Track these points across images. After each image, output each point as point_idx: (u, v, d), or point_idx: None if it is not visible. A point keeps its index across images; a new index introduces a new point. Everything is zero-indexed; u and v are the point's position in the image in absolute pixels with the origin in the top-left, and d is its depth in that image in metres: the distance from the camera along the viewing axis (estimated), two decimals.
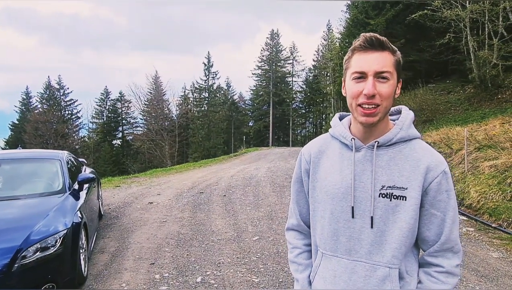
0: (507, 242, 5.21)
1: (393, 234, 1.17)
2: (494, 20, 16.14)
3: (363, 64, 1.15)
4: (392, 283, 1.18)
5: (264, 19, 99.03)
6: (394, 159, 1.20)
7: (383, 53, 1.15)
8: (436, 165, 1.18)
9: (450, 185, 1.20)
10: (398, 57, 1.19)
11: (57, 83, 47.43)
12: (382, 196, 1.18)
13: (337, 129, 1.30)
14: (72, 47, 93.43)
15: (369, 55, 1.15)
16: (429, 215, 1.20)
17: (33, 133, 39.39)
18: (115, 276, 4.10)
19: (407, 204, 1.17)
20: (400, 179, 1.18)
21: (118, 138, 49.99)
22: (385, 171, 1.19)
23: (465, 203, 7.22)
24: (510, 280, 3.98)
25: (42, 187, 4.44)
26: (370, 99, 1.13)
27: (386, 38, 1.21)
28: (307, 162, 1.34)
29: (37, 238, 3.30)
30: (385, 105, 1.15)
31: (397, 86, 1.19)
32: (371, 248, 1.19)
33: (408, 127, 1.24)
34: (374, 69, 1.13)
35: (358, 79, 1.16)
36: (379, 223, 1.18)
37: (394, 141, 1.21)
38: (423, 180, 1.17)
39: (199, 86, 48.30)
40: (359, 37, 1.18)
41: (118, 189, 9.81)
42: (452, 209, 1.20)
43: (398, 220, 1.17)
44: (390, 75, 1.14)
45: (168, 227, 5.95)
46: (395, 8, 24.71)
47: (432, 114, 19.33)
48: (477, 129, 11.49)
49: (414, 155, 1.20)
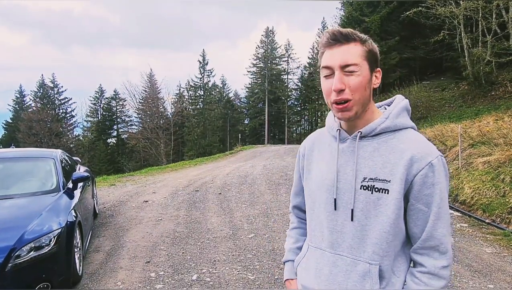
0: (500, 238, 5.26)
1: (374, 229, 1.13)
2: (487, 17, 16.24)
3: (329, 59, 1.13)
4: (372, 280, 1.13)
5: (259, 16, 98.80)
6: (378, 150, 1.15)
7: (348, 46, 1.12)
8: (422, 156, 1.11)
9: (438, 178, 1.11)
10: (369, 47, 1.15)
11: (51, 81, 47.13)
12: (364, 188, 1.14)
13: (328, 122, 1.30)
14: (64, 45, 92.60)
15: (335, 49, 1.12)
16: (415, 211, 1.13)
17: (27, 132, 39.08)
18: (110, 275, 4.09)
19: (389, 198, 1.11)
20: (383, 171, 1.12)
21: (113, 136, 49.74)
22: (368, 162, 1.15)
23: (459, 199, 7.28)
24: (503, 275, 4.02)
25: (36, 186, 4.41)
26: (339, 95, 1.11)
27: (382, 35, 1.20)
28: (302, 155, 1.36)
29: (31, 237, 3.28)
30: (357, 98, 1.11)
31: (372, 75, 1.16)
32: (352, 242, 1.16)
33: (395, 116, 1.19)
34: (339, 63, 1.10)
35: (327, 75, 1.14)
36: (360, 216, 1.14)
37: (378, 132, 1.17)
38: (406, 172, 1.10)
39: (194, 84, 48.18)
40: (324, 34, 1.16)
41: (113, 188, 9.77)
42: (436, 204, 1.11)
43: (380, 214, 1.12)
44: (357, 67, 1.11)
45: (164, 225, 5.94)
46: (389, 5, 24.76)
47: (427, 111, 19.43)
48: (471, 126, 11.56)
49: (401, 145, 1.14)
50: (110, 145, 48.09)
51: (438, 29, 18.46)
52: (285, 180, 9.76)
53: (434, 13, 17.32)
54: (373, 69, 1.17)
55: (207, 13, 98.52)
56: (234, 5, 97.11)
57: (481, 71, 16.85)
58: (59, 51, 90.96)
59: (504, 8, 15.57)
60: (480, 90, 17.35)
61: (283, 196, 7.87)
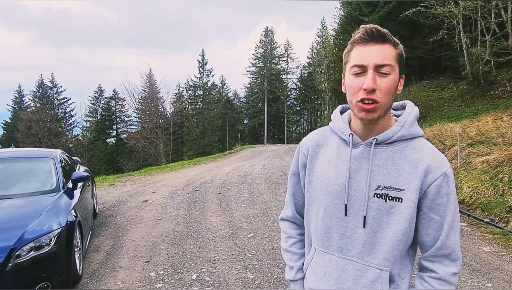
0: (498, 237, 5.28)
1: (386, 236, 1.13)
2: (486, 17, 16.26)
3: (363, 57, 1.09)
4: (382, 285, 1.15)
5: (259, 15, 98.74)
6: (392, 158, 1.15)
7: (384, 46, 1.09)
8: (437, 167, 1.12)
9: (451, 188, 1.13)
10: (401, 51, 1.13)
11: (50, 81, 47.01)
12: (377, 196, 1.13)
13: (337, 123, 1.26)
14: (63, 44, 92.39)
15: (369, 47, 1.09)
16: (427, 219, 1.14)
17: (26, 132, 39.02)
18: (110, 275, 4.10)
19: (403, 206, 1.12)
20: (397, 179, 1.12)
21: (112, 136, 49.68)
22: (382, 170, 1.14)
23: (458, 199, 7.29)
24: (501, 274, 4.03)
25: (35, 186, 4.41)
26: (369, 94, 1.07)
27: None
28: (304, 156, 1.31)
29: (31, 237, 3.29)
30: (385, 101, 1.10)
31: (399, 81, 1.13)
32: (363, 248, 1.16)
33: (410, 125, 1.17)
34: (375, 62, 1.07)
35: (357, 73, 1.10)
36: (372, 223, 1.14)
37: (394, 140, 1.15)
38: (421, 182, 1.11)
39: (193, 84, 48.16)
40: (359, 29, 1.11)
41: (112, 187, 9.78)
42: (451, 214, 1.13)
43: (392, 222, 1.13)
44: (391, 69, 1.09)
45: (163, 225, 5.95)
46: (388, 5, 24.78)
47: (426, 110, 19.44)
48: (469, 126, 11.58)
49: (414, 155, 1.14)
50: (110, 145, 48.03)
51: (437, 28, 18.48)
52: (285, 179, 9.77)
53: (433, 12, 17.35)
54: (401, 75, 1.15)
55: (206, 12, 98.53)
56: (234, 4, 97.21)
57: (480, 71, 16.88)
58: (58, 51, 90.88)
59: (503, 8, 15.60)
60: (479, 89, 17.37)
61: (283, 195, 7.88)
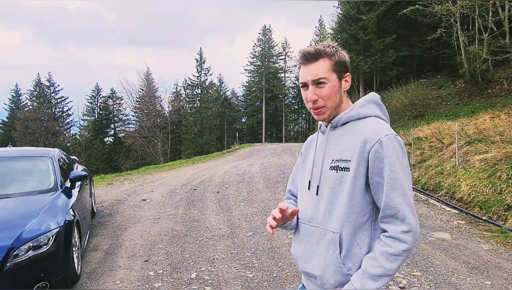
0: (497, 234, 5.29)
1: (339, 202, 1.32)
2: (484, 15, 16.28)
3: (303, 75, 1.37)
4: (334, 246, 1.31)
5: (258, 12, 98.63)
6: (344, 136, 1.37)
7: (318, 62, 1.34)
8: (373, 136, 1.28)
9: (387, 152, 1.25)
10: (338, 58, 1.36)
11: (47, 80, 46.82)
12: (332, 168, 1.36)
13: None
14: (59, 43, 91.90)
15: (306, 67, 1.36)
16: (374, 184, 1.28)
17: (23, 131, 38.87)
18: (109, 274, 4.08)
19: (349, 175, 1.30)
20: (345, 152, 1.33)
21: (110, 135, 49.54)
22: (336, 147, 1.38)
23: (456, 197, 7.31)
24: (500, 272, 4.04)
25: (33, 185, 4.39)
26: (314, 104, 1.35)
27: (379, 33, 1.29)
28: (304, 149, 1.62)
29: (29, 236, 3.27)
30: (329, 104, 1.36)
31: (342, 82, 1.38)
32: (324, 215, 1.36)
33: (359, 108, 1.40)
34: (311, 79, 1.34)
35: (303, 87, 1.38)
36: (329, 193, 1.35)
37: (344, 121, 1.39)
38: (360, 151, 1.28)
39: (191, 83, 48.04)
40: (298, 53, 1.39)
41: (110, 187, 9.75)
42: (387, 175, 1.25)
43: (343, 189, 1.31)
44: (326, 80, 1.33)
45: (162, 224, 5.94)
46: (386, 3, 24.78)
47: (424, 109, 19.47)
48: (467, 124, 11.61)
49: (360, 130, 1.33)
50: (107, 144, 47.90)
51: (435, 27, 18.50)
52: (283, 178, 9.77)
53: (430, 11, 17.35)
54: (342, 76, 1.38)
55: (204, 9, 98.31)
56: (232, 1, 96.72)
57: (478, 69, 16.90)
58: (54, 49, 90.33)
59: (501, 6, 15.61)
60: (477, 88, 17.41)
61: (281, 194, 7.88)
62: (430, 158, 9.98)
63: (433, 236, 5.26)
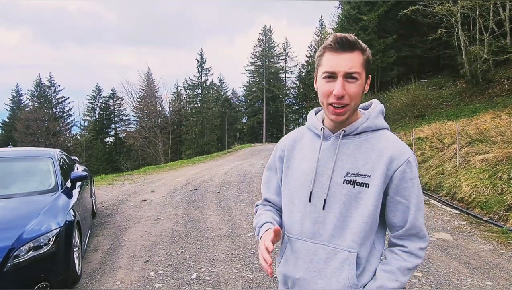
0: (498, 235, 5.28)
1: (355, 219, 1.22)
2: (485, 15, 16.27)
3: (333, 64, 1.18)
4: (350, 267, 1.22)
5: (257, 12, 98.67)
6: (360, 148, 1.25)
7: (352, 54, 1.18)
8: (400, 154, 1.22)
9: (414, 173, 1.23)
10: (368, 56, 1.23)
11: (48, 80, 46.88)
12: (346, 182, 1.22)
13: (311, 121, 1.38)
14: (59, 43, 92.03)
15: (339, 56, 1.18)
16: (394, 202, 1.24)
17: (24, 131, 38.91)
18: (109, 274, 4.08)
19: (369, 191, 1.21)
20: (364, 166, 1.22)
21: (111, 135, 49.57)
22: (350, 159, 1.24)
23: (457, 197, 7.30)
24: (501, 272, 4.04)
25: (34, 186, 4.39)
26: (339, 99, 1.18)
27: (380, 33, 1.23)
28: (282, 150, 1.42)
29: (29, 237, 3.27)
30: (353, 103, 1.21)
31: (365, 83, 1.24)
32: (333, 231, 1.23)
33: (374, 118, 1.29)
34: (344, 70, 1.17)
35: (328, 78, 1.19)
36: (342, 208, 1.23)
37: (360, 131, 1.26)
38: (386, 168, 1.21)
39: (192, 83, 48.05)
40: (330, 36, 1.21)
41: (111, 187, 9.75)
42: (415, 197, 1.23)
43: (360, 206, 1.21)
44: (358, 75, 1.18)
45: (162, 224, 5.93)
46: (387, 4, 24.77)
47: (424, 109, 19.46)
48: (468, 124, 11.60)
49: (380, 144, 1.24)
50: (108, 144, 47.92)
51: (436, 27, 18.49)
52: None
53: (431, 11, 17.34)
54: (367, 77, 1.25)
55: (204, 9, 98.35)
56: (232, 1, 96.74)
57: (479, 69, 16.88)
58: (55, 49, 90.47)
59: (501, 6, 15.60)
60: (478, 88, 17.39)
61: None
62: (431, 158, 9.97)
63: (434, 236, 5.25)
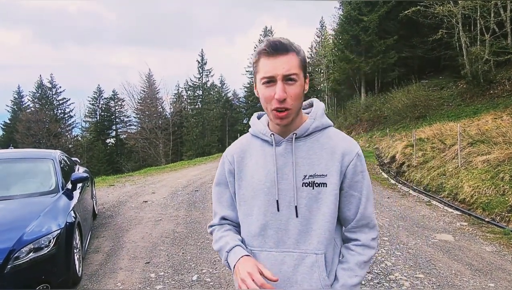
0: (500, 236, 5.26)
1: (318, 220, 1.22)
2: (485, 16, 16.26)
3: (270, 69, 1.16)
4: (319, 269, 1.22)
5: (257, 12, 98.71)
6: (312, 148, 1.25)
7: (288, 56, 1.16)
8: (350, 150, 1.25)
9: (363, 166, 1.27)
10: (303, 56, 1.21)
11: (49, 82, 46.94)
12: (305, 185, 1.22)
13: (257, 127, 1.34)
14: (60, 43, 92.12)
15: (275, 59, 1.15)
16: (348, 196, 1.26)
17: (25, 133, 38.94)
18: (110, 276, 4.07)
19: (328, 190, 1.22)
20: (319, 166, 1.23)
21: (112, 137, 49.59)
22: (306, 161, 1.24)
23: (458, 198, 7.28)
24: (503, 274, 4.01)
25: (34, 187, 4.38)
26: (281, 103, 1.16)
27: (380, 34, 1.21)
28: (230, 163, 1.36)
29: (30, 238, 3.26)
30: (296, 106, 1.19)
31: (305, 83, 1.23)
32: (298, 237, 1.23)
33: (321, 117, 1.30)
34: (282, 73, 1.15)
35: (267, 83, 1.17)
36: (304, 211, 1.22)
37: (310, 131, 1.26)
38: (340, 165, 1.23)
39: (192, 84, 48.09)
40: (263, 41, 1.19)
41: (112, 188, 9.75)
42: (366, 188, 1.27)
43: (321, 206, 1.22)
44: (297, 77, 1.17)
45: (163, 226, 5.92)
46: (387, 4, 24.77)
47: (425, 110, 19.45)
48: (469, 125, 11.58)
49: (330, 142, 1.26)
50: (109, 145, 47.93)
51: (436, 28, 18.48)
52: None
53: (432, 12, 17.34)
54: (306, 78, 1.24)
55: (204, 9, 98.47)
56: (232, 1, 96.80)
57: (480, 70, 16.87)
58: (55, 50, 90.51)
59: (502, 7, 15.59)
60: (479, 89, 17.37)
61: None
62: (432, 159, 9.95)
63: (436, 237, 5.23)
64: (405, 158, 12.04)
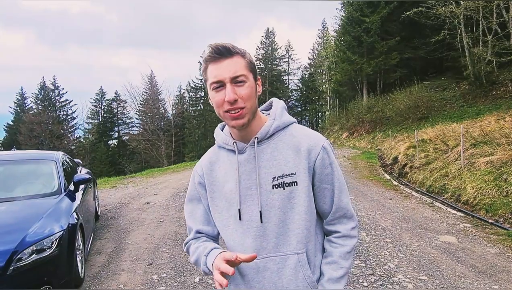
0: (503, 238, 5.23)
1: (294, 220, 1.21)
2: (488, 17, 16.22)
3: (218, 73, 1.16)
4: (303, 268, 1.22)
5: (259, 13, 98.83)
6: (277, 149, 1.24)
7: (233, 59, 1.17)
8: (315, 144, 1.24)
9: (331, 158, 1.26)
10: (249, 58, 1.21)
11: (52, 83, 47.17)
12: (275, 187, 1.21)
13: (220, 138, 1.34)
14: (62, 45, 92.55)
15: (221, 64, 1.16)
16: (321, 190, 1.26)
17: (28, 134, 39.07)
18: (112, 277, 4.07)
19: (299, 188, 1.21)
20: (287, 166, 1.22)
21: (114, 138, 49.76)
22: (272, 163, 1.23)
23: (461, 199, 7.25)
24: (508, 276, 3.99)
25: (37, 188, 4.39)
26: (233, 105, 1.15)
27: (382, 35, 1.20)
28: (200, 176, 1.36)
29: (32, 240, 3.26)
30: (249, 106, 1.18)
31: (256, 84, 1.23)
32: (277, 240, 1.22)
33: (281, 116, 1.29)
34: (229, 76, 1.15)
35: (217, 88, 1.17)
36: (279, 215, 1.21)
37: (272, 132, 1.25)
38: (307, 162, 1.22)
39: (195, 86, 48.18)
40: (207, 48, 1.19)
41: (114, 190, 9.76)
42: (337, 179, 1.26)
43: (295, 205, 1.22)
44: (245, 78, 1.17)
45: (166, 227, 5.92)
46: (389, 5, 24.75)
47: (428, 111, 19.40)
48: (472, 126, 11.54)
49: (294, 140, 1.25)
50: (111, 147, 48.08)
51: (439, 29, 18.44)
52: None
53: (434, 13, 17.31)
54: (256, 79, 1.24)
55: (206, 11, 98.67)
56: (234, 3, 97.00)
57: (482, 71, 16.83)
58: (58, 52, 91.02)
59: (505, 8, 15.55)
60: (481, 90, 17.32)
61: None
62: (435, 160, 9.91)
63: (439, 239, 5.21)
64: (407, 159, 12.00)
